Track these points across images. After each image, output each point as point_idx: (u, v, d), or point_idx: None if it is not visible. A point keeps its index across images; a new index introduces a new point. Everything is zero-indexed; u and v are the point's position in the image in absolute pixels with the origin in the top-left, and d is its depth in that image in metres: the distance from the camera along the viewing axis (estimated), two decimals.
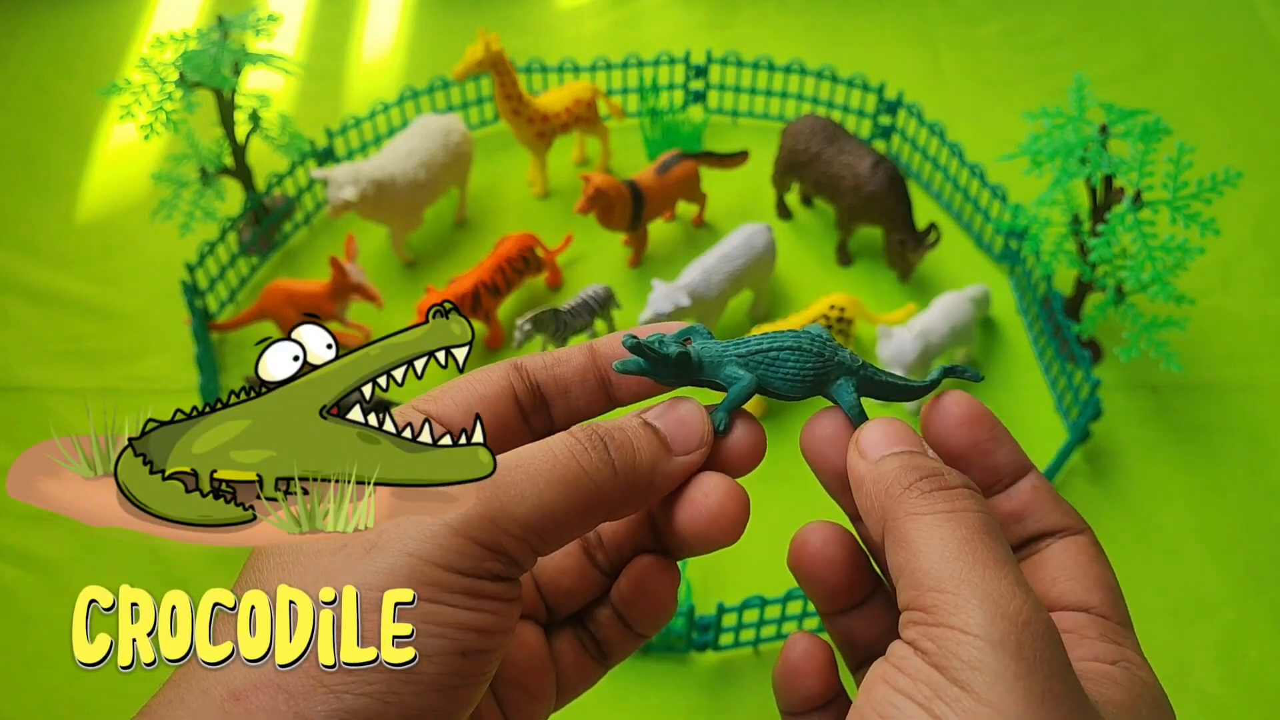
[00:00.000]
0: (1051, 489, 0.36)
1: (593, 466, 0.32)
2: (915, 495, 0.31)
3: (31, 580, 1.06)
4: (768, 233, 1.24)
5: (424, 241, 1.37)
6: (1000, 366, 1.25)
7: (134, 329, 1.27)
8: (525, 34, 1.63)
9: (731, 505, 0.34)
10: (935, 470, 0.32)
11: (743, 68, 1.47)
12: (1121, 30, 1.67)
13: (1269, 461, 1.17)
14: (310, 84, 1.57)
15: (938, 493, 0.31)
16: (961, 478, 0.32)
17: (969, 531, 0.30)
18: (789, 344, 0.36)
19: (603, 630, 0.38)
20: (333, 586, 0.29)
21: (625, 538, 0.38)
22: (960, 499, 0.31)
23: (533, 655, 0.36)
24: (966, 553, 0.29)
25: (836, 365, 0.36)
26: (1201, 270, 1.26)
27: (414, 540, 0.29)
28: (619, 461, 0.32)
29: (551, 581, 0.37)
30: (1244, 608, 1.06)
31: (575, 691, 0.38)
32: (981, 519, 0.30)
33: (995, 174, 1.33)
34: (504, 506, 0.30)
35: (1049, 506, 0.35)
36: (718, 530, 0.34)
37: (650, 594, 0.37)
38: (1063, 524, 0.35)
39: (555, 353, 0.36)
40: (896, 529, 0.31)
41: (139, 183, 1.43)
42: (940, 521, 0.30)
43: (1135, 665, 0.32)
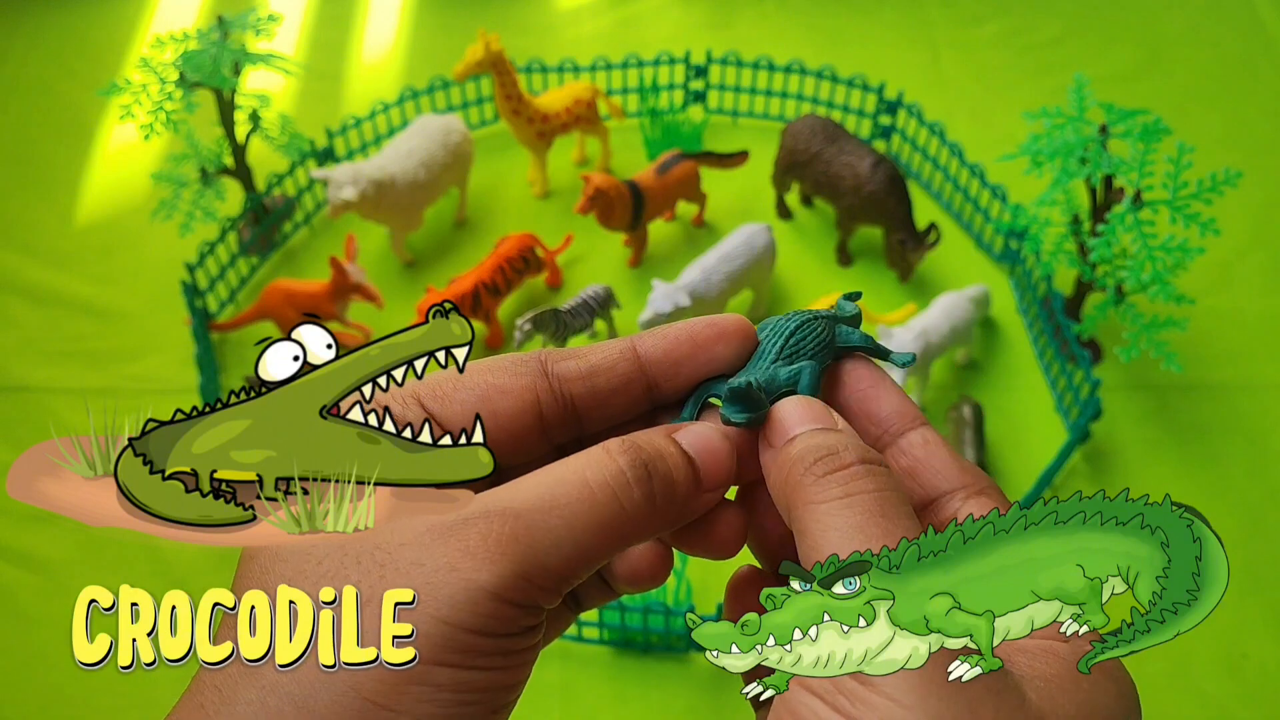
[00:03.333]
0: (946, 445, 0.34)
1: (634, 505, 0.30)
2: (811, 481, 0.30)
3: (31, 580, 1.06)
4: (768, 233, 1.24)
5: (424, 241, 1.37)
6: (1000, 366, 1.25)
7: (134, 329, 1.27)
8: (525, 34, 1.63)
9: (739, 538, 0.33)
10: (831, 449, 0.31)
11: (743, 68, 1.47)
12: (1121, 30, 1.67)
13: (1269, 462, 1.17)
14: (310, 84, 1.57)
15: (832, 475, 0.30)
16: (859, 452, 0.31)
17: (863, 517, 0.29)
18: (792, 327, 0.35)
19: (581, 585, 0.37)
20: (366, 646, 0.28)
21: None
22: (856, 479, 0.30)
23: None
24: (861, 542, 0.29)
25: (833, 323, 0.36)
26: (1201, 270, 1.26)
27: (446, 606, 0.27)
28: (660, 497, 0.30)
29: None
30: (1244, 608, 1.06)
31: (549, 636, 0.37)
32: (876, 499, 0.29)
33: (995, 174, 1.33)
34: (538, 560, 0.28)
35: (946, 460, 0.33)
36: (721, 555, 0.33)
37: (642, 573, 0.36)
38: (962, 480, 0.33)
39: (590, 359, 0.33)
40: (797, 520, 0.30)
41: (139, 183, 1.43)
42: (834, 509, 0.29)
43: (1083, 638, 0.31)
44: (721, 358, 0.34)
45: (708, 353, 0.34)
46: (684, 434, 0.32)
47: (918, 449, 0.34)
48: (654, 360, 0.33)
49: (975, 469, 0.34)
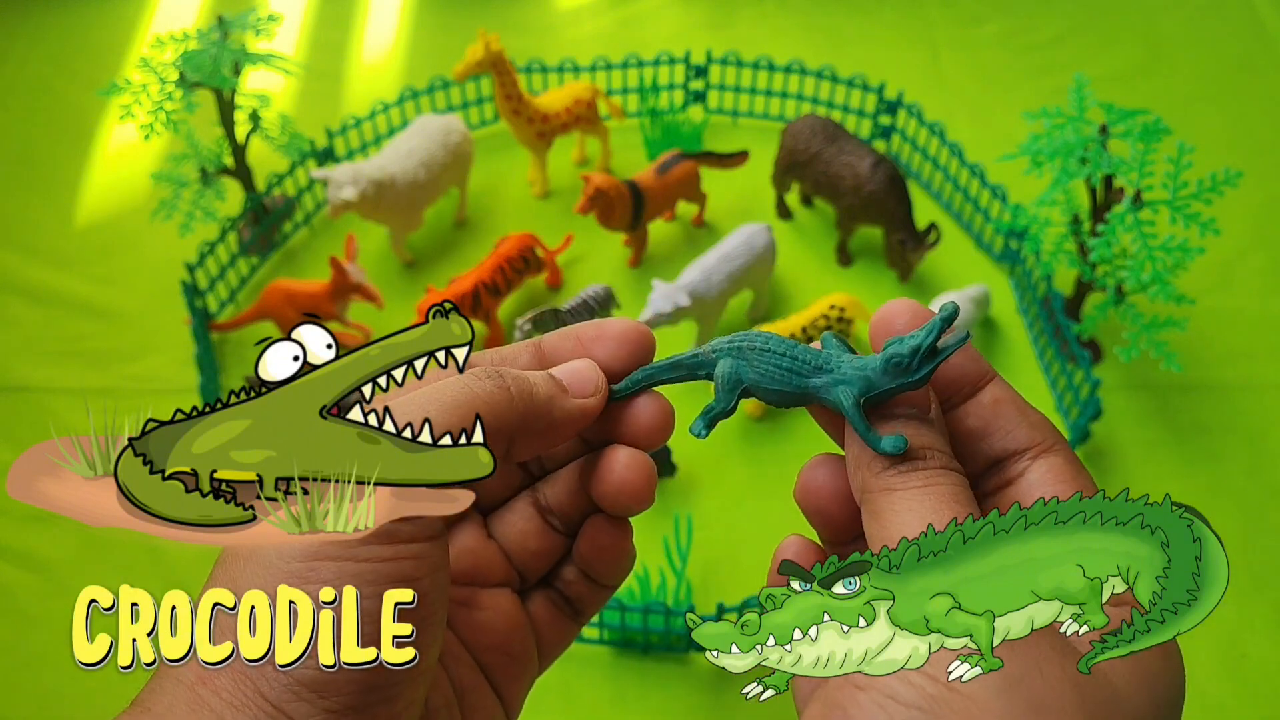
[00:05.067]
0: (1018, 398, 0.35)
1: (486, 391, 0.33)
2: (894, 473, 0.32)
3: (31, 580, 1.06)
4: (768, 233, 1.24)
5: (424, 241, 1.37)
6: (1000, 366, 1.25)
7: (134, 329, 1.27)
8: (525, 34, 1.63)
9: (634, 476, 0.36)
10: (922, 450, 0.33)
11: (743, 68, 1.47)
12: (1121, 30, 1.67)
13: (1269, 461, 1.17)
14: (310, 84, 1.57)
15: (918, 472, 0.32)
16: (942, 458, 0.33)
17: (939, 502, 0.31)
18: (758, 344, 0.36)
19: (571, 588, 0.39)
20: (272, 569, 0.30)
21: (570, 504, 0.39)
22: (936, 476, 0.32)
23: (510, 620, 0.38)
24: (936, 523, 0.30)
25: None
26: (1201, 270, 1.26)
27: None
28: (515, 389, 0.34)
29: (518, 546, 0.39)
30: (1244, 608, 1.06)
31: (555, 650, 0.39)
32: (951, 490, 0.31)
33: (995, 174, 1.33)
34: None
35: (1014, 420, 0.34)
36: (626, 498, 0.36)
37: (606, 549, 0.39)
38: (1031, 439, 0.34)
39: (502, 353, 0.37)
40: (872, 501, 0.32)
41: (139, 183, 1.43)
42: (912, 495, 0.31)
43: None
44: (598, 356, 0.37)
45: (588, 350, 0.37)
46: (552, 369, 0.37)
47: (986, 409, 0.35)
48: (548, 352, 0.38)
49: (1045, 423, 0.34)
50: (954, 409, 0.35)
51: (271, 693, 0.29)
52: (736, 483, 1.14)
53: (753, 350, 0.36)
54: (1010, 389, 0.35)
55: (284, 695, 0.29)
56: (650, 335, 0.38)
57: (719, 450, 1.16)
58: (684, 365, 0.37)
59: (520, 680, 0.37)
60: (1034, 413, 0.35)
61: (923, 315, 0.35)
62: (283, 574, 0.30)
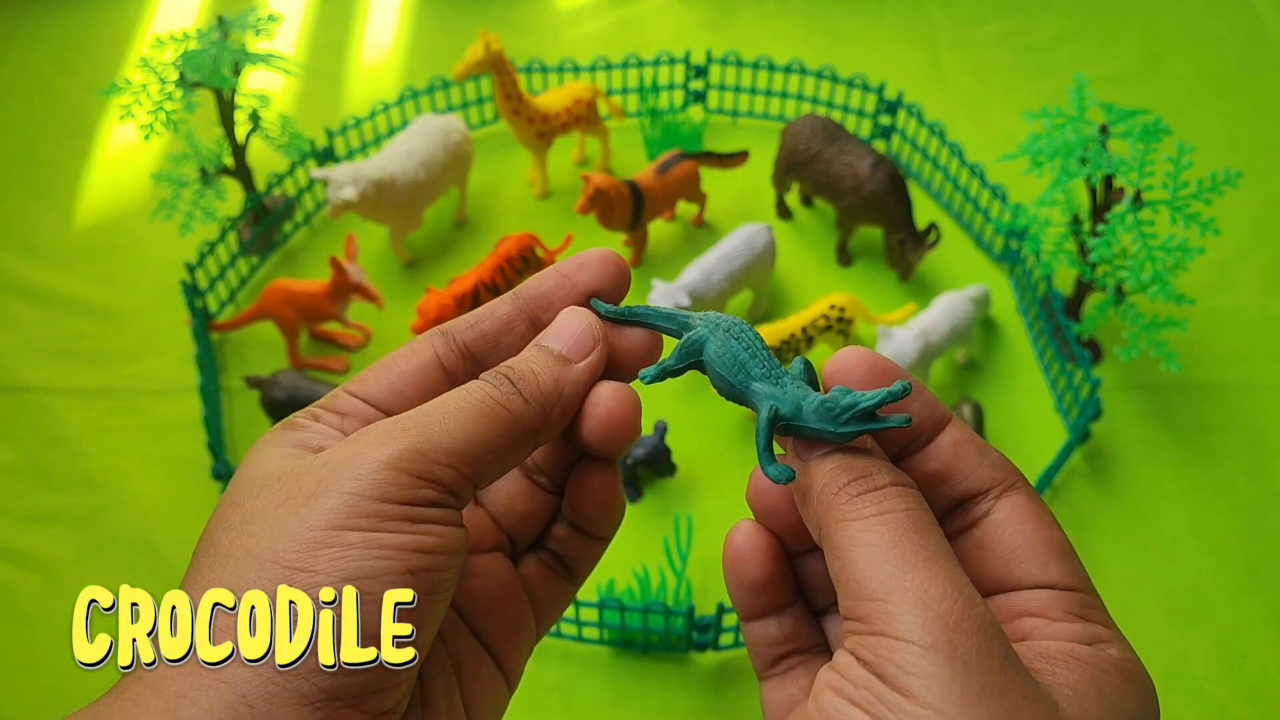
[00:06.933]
0: (975, 438, 0.35)
1: (505, 399, 0.34)
2: (844, 500, 0.32)
3: (31, 580, 1.06)
4: (768, 233, 1.24)
5: (424, 241, 1.37)
6: (1000, 366, 1.25)
7: (134, 329, 1.27)
8: (525, 34, 1.63)
9: (620, 406, 0.36)
10: (865, 470, 0.32)
11: (743, 68, 1.47)
12: (1121, 30, 1.67)
13: (1269, 461, 1.17)
14: (310, 84, 1.57)
15: (866, 496, 0.32)
16: (891, 474, 0.33)
17: (896, 533, 0.31)
18: (734, 331, 0.37)
19: (563, 546, 0.39)
20: (283, 537, 0.30)
21: (557, 457, 0.39)
22: (888, 499, 0.32)
23: (504, 585, 0.38)
24: (895, 556, 0.30)
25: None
26: (1201, 270, 1.26)
27: (350, 480, 0.31)
28: (526, 391, 0.34)
29: (506, 509, 0.39)
30: (1243, 608, 1.06)
31: (551, 613, 0.39)
32: (909, 517, 0.31)
33: (995, 174, 1.33)
34: (430, 439, 0.32)
35: (975, 460, 0.35)
36: (615, 429, 0.36)
37: (595, 493, 0.38)
38: (993, 479, 0.34)
39: (479, 309, 0.38)
40: (830, 538, 0.32)
41: (139, 183, 1.43)
42: (868, 526, 0.31)
43: (1105, 641, 0.32)
44: (585, 283, 0.38)
45: (573, 279, 0.38)
46: (542, 334, 0.37)
47: (946, 451, 0.35)
48: (530, 297, 0.38)
49: (1004, 462, 0.35)
50: (915, 454, 0.35)
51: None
52: (736, 483, 1.14)
53: (727, 333, 0.36)
54: (968, 430, 0.35)
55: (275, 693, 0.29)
56: (624, 262, 0.39)
57: (719, 450, 1.16)
58: (675, 320, 0.38)
59: (518, 647, 0.38)
60: (993, 452, 0.35)
61: (879, 370, 0.35)
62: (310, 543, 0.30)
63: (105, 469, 1.15)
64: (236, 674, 0.29)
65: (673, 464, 1.12)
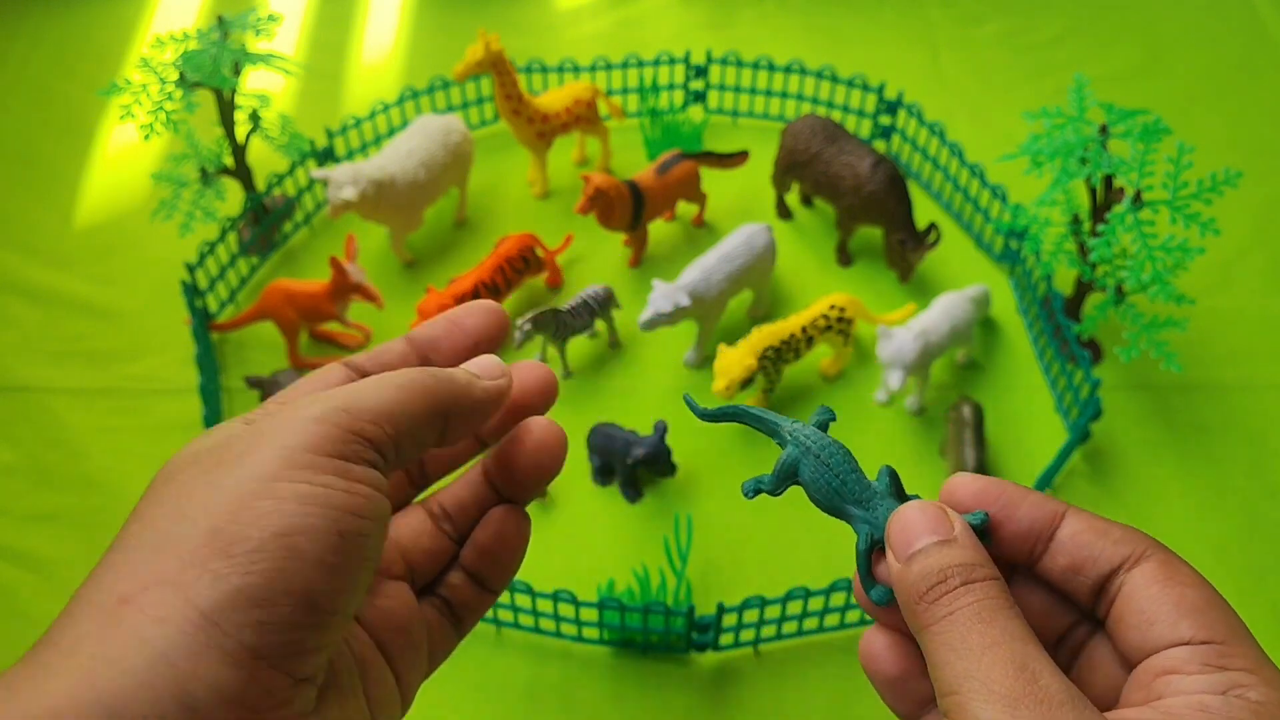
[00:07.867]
0: (1095, 521, 0.36)
1: (422, 376, 0.36)
2: (924, 608, 0.34)
3: (31, 580, 1.06)
4: (768, 233, 1.24)
5: (424, 241, 1.37)
6: (1000, 366, 1.25)
7: (134, 329, 1.27)
8: (525, 34, 1.63)
9: (550, 436, 0.40)
10: (941, 576, 0.34)
11: (743, 68, 1.47)
12: (1121, 30, 1.67)
13: (1269, 461, 1.17)
14: (310, 84, 1.57)
15: (940, 600, 0.34)
16: (964, 573, 0.34)
17: (964, 627, 0.33)
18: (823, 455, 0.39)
19: (456, 593, 0.41)
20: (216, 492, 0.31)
21: (470, 501, 0.41)
22: (958, 598, 0.33)
23: (408, 609, 0.39)
24: (963, 650, 0.32)
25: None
26: (1201, 270, 1.26)
27: (283, 434, 0.32)
28: (441, 376, 0.37)
29: (412, 544, 0.41)
30: (1244, 608, 1.05)
31: (437, 659, 0.41)
32: (974, 609, 0.33)
33: (995, 174, 1.33)
34: (357, 400, 0.34)
35: (1097, 544, 0.36)
36: (543, 457, 0.40)
37: (506, 540, 0.41)
38: (1123, 555, 0.35)
39: (378, 349, 0.40)
40: (922, 645, 0.34)
41: (139, 183, 1.43)
42: (942, 629, 0.33)
43: (1244, 686, 0.32)
44: (471, 328, 0.41)
45: (460, 324, 0.41)
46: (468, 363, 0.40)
47: (1067, 544, 0.36)
48: (422, 340, 0.41)
49: (1130, 534, 0.36)
50: (1041, 556, 0.37)
51: (204, 602, 0.29)
52: (736, 483, 1.14)
53: (817, 459, 0.39)
54: (1086, 516, 0.36)
55: (219, 604, 0.29)
56: (506, 314, 0.42)
57: (719, 450, 1.16)
58: (767, 423, 0.41)
59: (415, 670, 0.39)
60: (1116, 529, 0.36)
61: (988, 493, 0.37)
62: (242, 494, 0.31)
63: (105, 469, 1.15)
64: (157, 632, 0.28)
65: (673, 464, 1.12)
